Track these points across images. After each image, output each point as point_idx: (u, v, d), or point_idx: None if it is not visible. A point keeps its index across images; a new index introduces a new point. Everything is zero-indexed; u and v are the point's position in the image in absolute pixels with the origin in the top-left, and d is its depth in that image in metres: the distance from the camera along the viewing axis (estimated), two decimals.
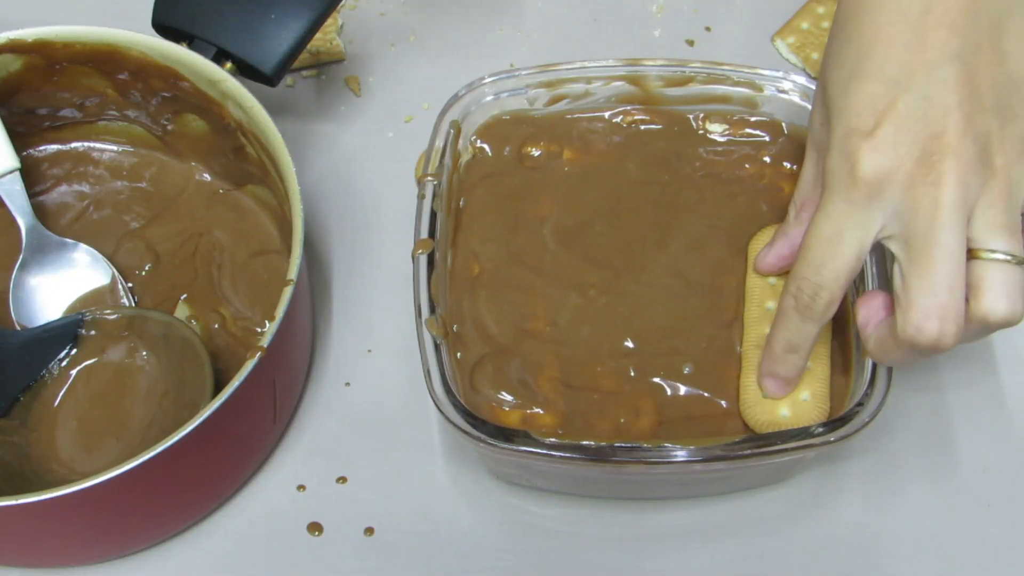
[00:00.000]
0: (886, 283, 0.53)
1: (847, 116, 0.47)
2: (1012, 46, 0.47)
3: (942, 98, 0.46)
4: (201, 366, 0.58)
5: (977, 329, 0.47)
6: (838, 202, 0.48)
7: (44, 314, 0.62)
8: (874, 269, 0.54)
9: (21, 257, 0.63)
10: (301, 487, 0.60)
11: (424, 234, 0.57)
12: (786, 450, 0.51)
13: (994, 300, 0.46)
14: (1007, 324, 0.47)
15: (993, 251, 0.46)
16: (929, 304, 0.46)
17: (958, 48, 0.46)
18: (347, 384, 0.64)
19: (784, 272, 0.56)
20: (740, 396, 0.56)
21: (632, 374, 0.56)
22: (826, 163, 0.49)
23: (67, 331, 0.60)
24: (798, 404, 0.54)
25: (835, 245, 0.48)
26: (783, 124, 0.63)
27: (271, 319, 0.54)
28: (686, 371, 0.56)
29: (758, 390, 0.55)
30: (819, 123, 0.52)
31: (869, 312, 0.51)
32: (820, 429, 0.51)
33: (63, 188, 0.67)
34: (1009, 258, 0.46)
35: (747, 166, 0.62)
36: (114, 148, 0.68)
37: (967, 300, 0.46)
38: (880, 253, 0.54)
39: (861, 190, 0.47)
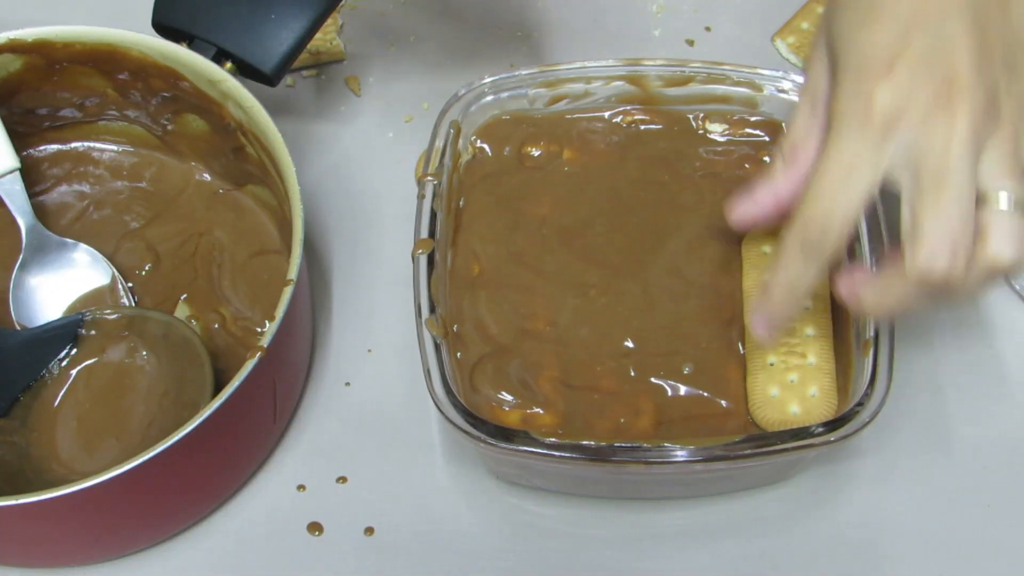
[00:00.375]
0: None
1: (860, 56, 0.48)
2: (1018, 6, 0.48)
3: (956, 44, 0.46)
4: (201, 366, 0.58)
5: (982, 273, 0.47)
6: (851, 140, 0.47)
7: (44, 314, 0.62)
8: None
9: (21, 257, 0.63)
10: (301, 487, 0.60)
11: (424, 234, 0.57)
12: (786, 450, 0.51)
13: (1003, 244, 0.47)
14: (1013, 269, 0.47)
15: (1000, 197, 0.46)
16: (942, 236, 0.46)
17: (973, 1, 0.47)
18: (347, 384, 0.64)
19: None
20: (748, 397, 0.56)
21: (632, 374, 0.56)
22: (835, 104, 0.49)
23: (67, 331, 0.60)
24: (807, 400, 0.54)
25: (847, 182, 0.48)
26: (783, 124, 0.63)
27: (271, 319, 0.54)
28: (686, 371, 0.56)
29: (766, 389, 0.55)
30: (819, 71, 0.52)
31: (852, 282, 0.51)
32: (820, 429, 0.51)
33: (63, 188, 0.67)
34: (1017, 204, 0.47)
35: (747, 166, 0.62)
36: (114, 148, 0.68)
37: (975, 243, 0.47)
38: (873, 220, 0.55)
39: (876, 126, 0.47)
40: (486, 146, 0.63)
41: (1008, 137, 0.47)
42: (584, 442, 0.51)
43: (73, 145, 0.68)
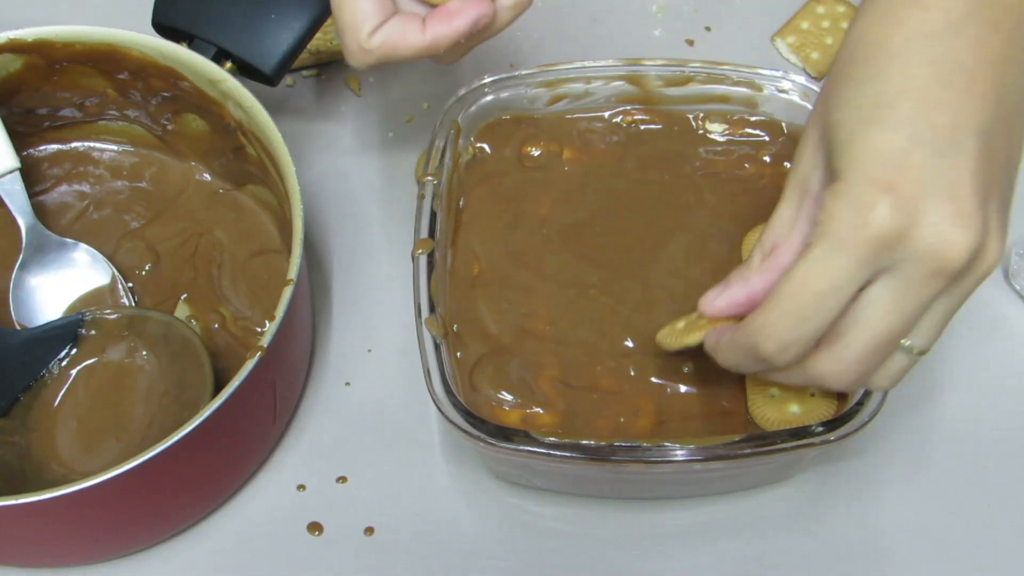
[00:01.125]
0: None
1: (860, 163, 0.43)
2: (1017, 137, 0.45)
3: (966, 172, 0.42)
4: (201, 366, 0.58)
5: (857, 388, 0.49)
6: (845, 254, 0.43)
7: (44, 314, 0.62)
8: None
9: (21, 257, 0.62)
10: (301, 487, 0.60)
11: (424, 234, 0.57)
12: (786, 449, 0.51)
13: (883, 380, 0.47)
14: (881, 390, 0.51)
15: (914, 344, 0.46)
16: (857, 366, 0.46)
17: (985, 123, 0.43)
18: (347, 384, 0.64)
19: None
20: (748, 397, 0.55)
21: (632, 373, 0.56)
22: (828, 208, 0.43)
23: (67, 331, 0.60)
24: (806, 400, 0.54)
25: (826, 301, 0.44)
26: (783, 124, 0.63)
27: (271, 319, 0.54)
28: (686, 370, 0.56)
29: (765, 389, 0.55)
30: (811, 162, 0.47)
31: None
32: (820, 428, 0.51)
33: (63, 188, 0.67)
34: (920, 352, 0.46)
35: (747, 166, 0.62)
36: (114, 148, 0.68)
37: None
38: None
39: (872, 245, 0.42)
40: (486, 146, 0.63)
41: (963, 296, 0.45)
42: (584, 442, 0.51)
43: (73, 145, 0.68)
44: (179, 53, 0.61)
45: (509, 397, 0.55)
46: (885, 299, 0.44)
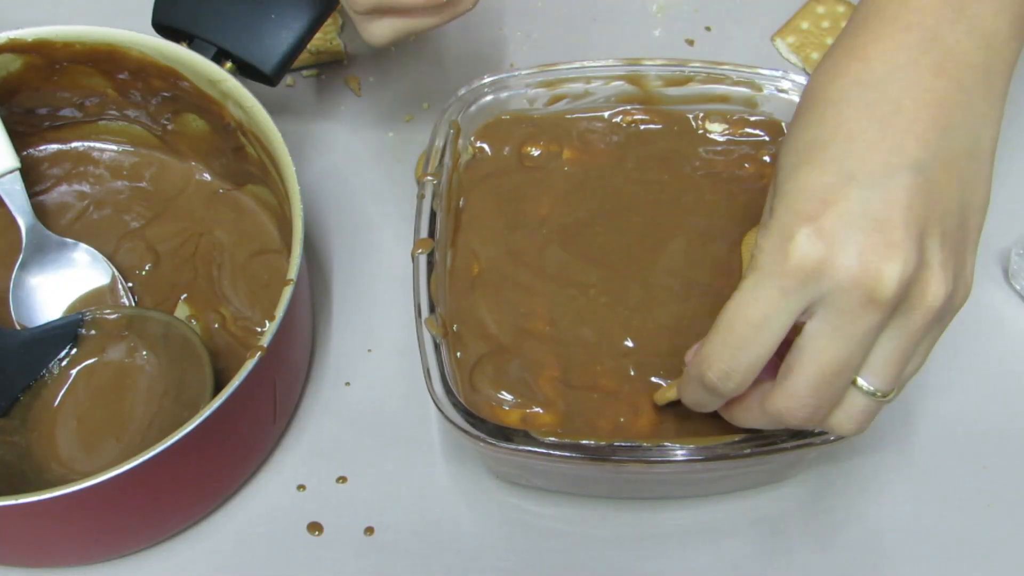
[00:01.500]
0: None
1: (792, 199, 0.44)
2: (976, 168, 0.45)
3: (894, 207, 0.43)
4: (201, 366, 0.58)
5: (828, 429, 0.47)
6: (769, 286, 0.44)
7: (44, 314, 0.62)
8: None
9: (21, 257, 0.63)
10: (301, 487, 0.60)
11: (424, 234, 0.57)
12: (786, 449, 0.51)
13: (846, 421, 0.46)
14: (845, 437, 0.48)
15: (871, 384, 0.45)
16: (807, 401, 0.45)
17: (923, 160, 0.43)
18: (347, 384, 0.64)
19: None
20: None
21: (632, 373, 0.56)
22: (759, 243, 0.45)
23: (67, 331, 0.60)
24: None
25: (759, 331, 0.44)
26: (783, 124, 0.63)
27: (271, 319, 0.54)
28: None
29: None
30: (767, 207, 0.48)
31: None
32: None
33: (63, 188, 0.67)
34: (881, 393, 0.45)
35: (747, 166, 0.62)
36: (114, 148, 0.68)
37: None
38: None
39: (792, 274, 0.43)
40: (486, 146, 0.63)
41: (915, 331, 0.44)
42: (584, 441, 0.51)
43: (73, 145, 0.68)
44: (179, 53, 0.61)
45: (509, 397, 0.55)
46: (823, 330, 0.44)
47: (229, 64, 0.62)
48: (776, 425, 0.47)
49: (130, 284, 0.64)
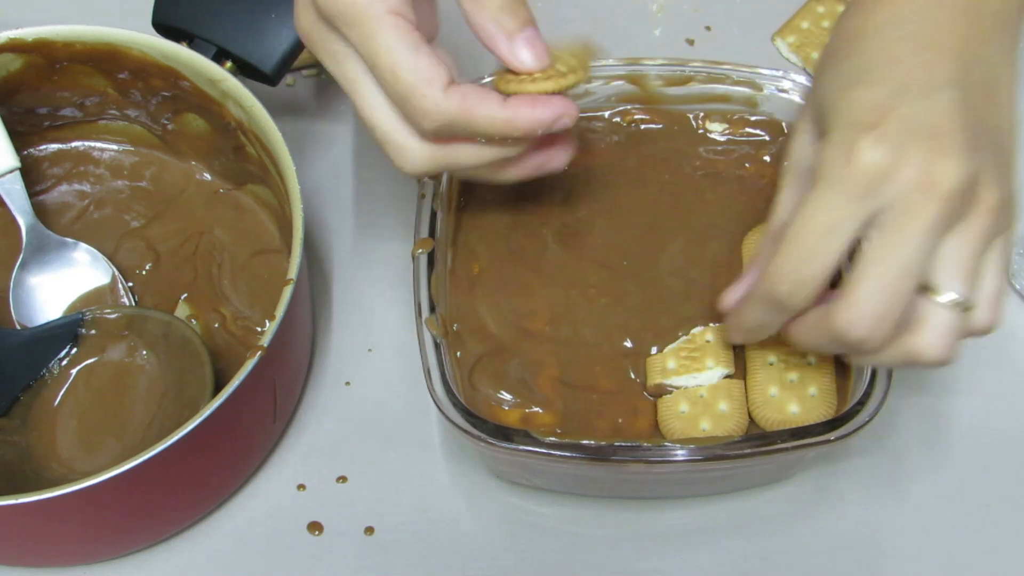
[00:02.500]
0: None
1: (848, 112, 0.46)
2: (1003, 99, 0.48)
3: (945, 116, 0.45)
4: (201, 365, 0.58)
5: (900, 357, 0.47)
6: (834, 194, 0.45)
7: (44, 313, 0.62)
8: None
9: (21, 256, 0.63)
10: (301, 487, 0.60)
11: (424, 233, 0.57)
12: (786, 449, 0.51)
13: (931, 342, 0.46)
14: (934, 366, 0.47)
15: (946, 293, 0.46)
16: (871, 308, 0.45)
17: (960, 80, 0.46)
18: (347, 384, 0.64)
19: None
20: (748, 396, 0.55)
21: (631, 374, 0.57)
22: (821, 155, 0.46)
23: (67, 330, 0.60)
24: (806, 400, 0.54)
25: (828, 238, 0.46)
26: (783, 123, 0.63)
27: (271, 318, 0.54)
28: None
29: (765, 389, 0.55)
30: (804, 143, 0.51)
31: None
32: (820, 429, 0.51)
33: (63, 187, 0.67)
34: (959, 304, 0.46)
35: (747, 165, 0.62)
36: (114, 147, 0.68)
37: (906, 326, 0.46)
38: None
39: (860, 181, 0.45)
40: None
41: (976, 231, 0.45)
42: (584, 441, 0.51)
43: (73, 144, 0.68)
44: (179, 53, 0.61)
45: (509, 397, 0.55)
46: (885, 237, 0.45)
47: (229, 64, 0.62)
48: (839, 345, 0.47)
49: (130, 284, 0.64)
